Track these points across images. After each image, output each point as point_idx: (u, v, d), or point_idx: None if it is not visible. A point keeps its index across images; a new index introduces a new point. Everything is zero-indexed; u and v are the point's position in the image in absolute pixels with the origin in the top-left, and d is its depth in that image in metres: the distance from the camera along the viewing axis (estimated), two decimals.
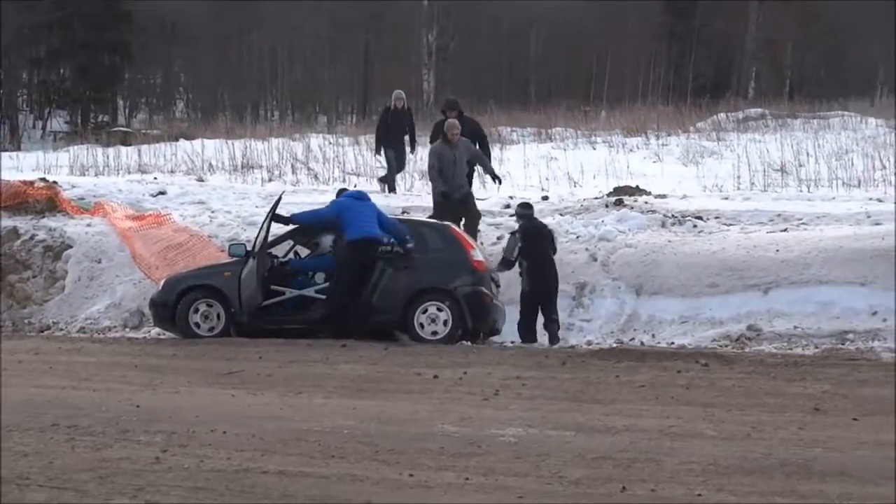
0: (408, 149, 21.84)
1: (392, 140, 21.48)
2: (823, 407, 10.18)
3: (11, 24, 47.31)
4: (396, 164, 21.74)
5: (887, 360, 12.75)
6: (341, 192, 16.28)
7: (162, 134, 34.72)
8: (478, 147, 18.11)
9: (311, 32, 55.37)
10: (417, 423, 9.57)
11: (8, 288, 17.89)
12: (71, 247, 18.22)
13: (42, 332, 16.79)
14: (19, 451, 8.52)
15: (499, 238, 17.09)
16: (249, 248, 15.12)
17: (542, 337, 15.11)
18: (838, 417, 9.80)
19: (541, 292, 15.09)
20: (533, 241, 15.22)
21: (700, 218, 17.84)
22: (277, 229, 15.44)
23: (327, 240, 15.48)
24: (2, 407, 9.87)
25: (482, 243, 16.52)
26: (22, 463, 8.17)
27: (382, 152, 21.93)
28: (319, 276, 15.26)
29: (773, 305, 15.16)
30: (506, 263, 15.20)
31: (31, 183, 20.48)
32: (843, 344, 14.16)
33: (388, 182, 21.92)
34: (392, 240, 14.87)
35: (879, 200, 18.69)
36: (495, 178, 17.87)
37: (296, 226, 15.40)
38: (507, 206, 18.83)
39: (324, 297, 14.95)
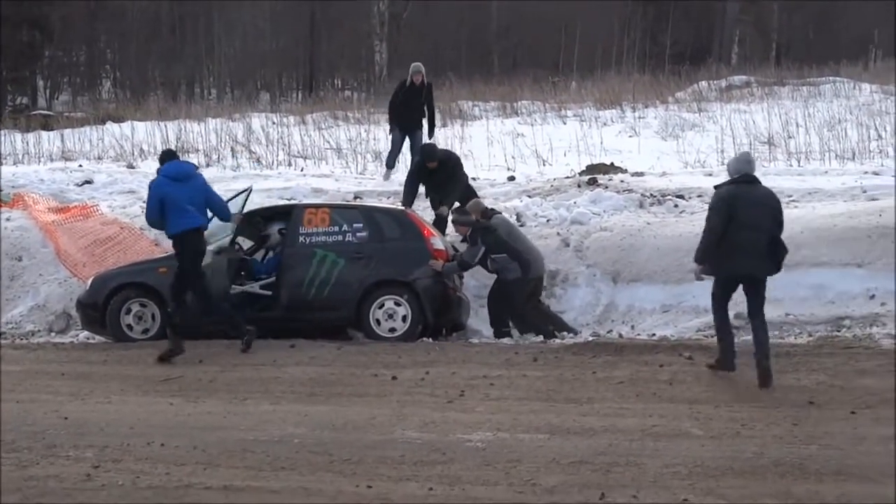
0: (425, 132, 20.30)
1: (406, 120, 20.21)
2: (819, 400, 10.26)
3: None
4: (411, 149, 20.23)
5: (887, 347, 12.84)
6: (166, 155, 14.91)
7: (87, 117, 34.42)
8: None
9: (250, 1, 55.15)
10: (376, 430, 9.57)
11: None
12: None
13: None
14: None
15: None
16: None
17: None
18: (835, 411, 9.88)
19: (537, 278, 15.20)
20: (495, 234, 15.19)
21: (681, 197, 17.90)
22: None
23: (275, 231, 15.51)
24: None
25: None
26: None
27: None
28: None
29: None
30: (464, 266, 15.16)
31: None
32: (838, 331, 14.24)
33: (388, 162, 20.92)
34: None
35: (876, 174, 18.81)
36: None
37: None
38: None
39: (269, 293, 14.98)
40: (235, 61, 55.50)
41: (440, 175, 17.08)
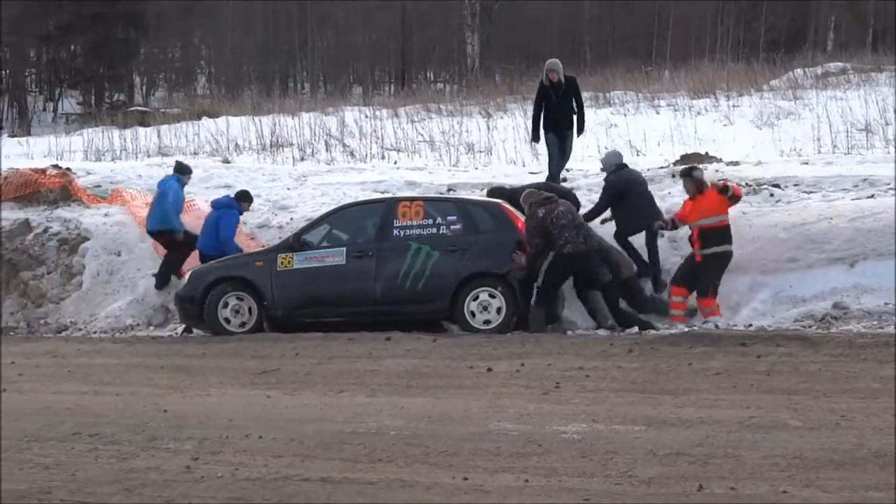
0: (574, 132, 18.49)
1: (557, 123, 18.32)
2: None
3: None
4: (559, 151, 18.43)
5: None
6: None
7: (183, 112, 34.94)
8: None
9: None
10: (471, 422, 9.57)
11: (21, 286, 18.05)
12: (88, 239, 18.35)
13: (59, 332, 16.94)
14: (39, 462, 8.61)
15: None
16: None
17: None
18: None
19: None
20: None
21: (777, 186, 17.71)
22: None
23: (368, 225, 15.53)
24: (4, 417, 9.97)
25: None
26: (43, 476, 8.26)
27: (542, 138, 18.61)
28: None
29: (860, 280, 15.02)
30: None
31: (43, 170, 20.65)
32: None
33: (551, 173, 18.63)
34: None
35: None
36: None
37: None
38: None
39: None
40: (328, 55, 55.84)
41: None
